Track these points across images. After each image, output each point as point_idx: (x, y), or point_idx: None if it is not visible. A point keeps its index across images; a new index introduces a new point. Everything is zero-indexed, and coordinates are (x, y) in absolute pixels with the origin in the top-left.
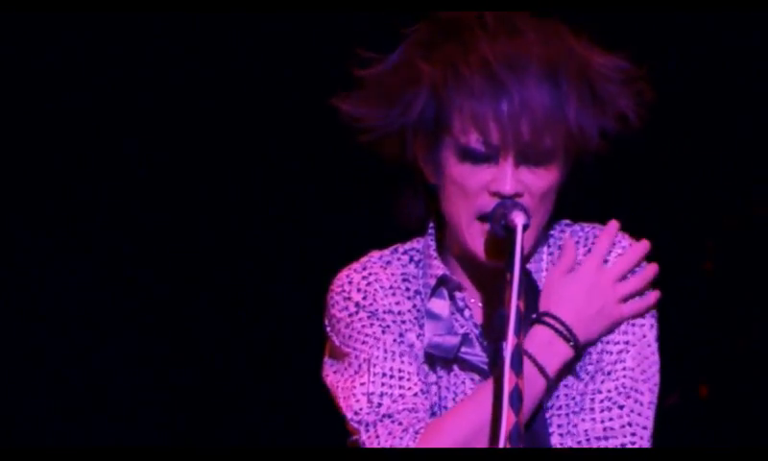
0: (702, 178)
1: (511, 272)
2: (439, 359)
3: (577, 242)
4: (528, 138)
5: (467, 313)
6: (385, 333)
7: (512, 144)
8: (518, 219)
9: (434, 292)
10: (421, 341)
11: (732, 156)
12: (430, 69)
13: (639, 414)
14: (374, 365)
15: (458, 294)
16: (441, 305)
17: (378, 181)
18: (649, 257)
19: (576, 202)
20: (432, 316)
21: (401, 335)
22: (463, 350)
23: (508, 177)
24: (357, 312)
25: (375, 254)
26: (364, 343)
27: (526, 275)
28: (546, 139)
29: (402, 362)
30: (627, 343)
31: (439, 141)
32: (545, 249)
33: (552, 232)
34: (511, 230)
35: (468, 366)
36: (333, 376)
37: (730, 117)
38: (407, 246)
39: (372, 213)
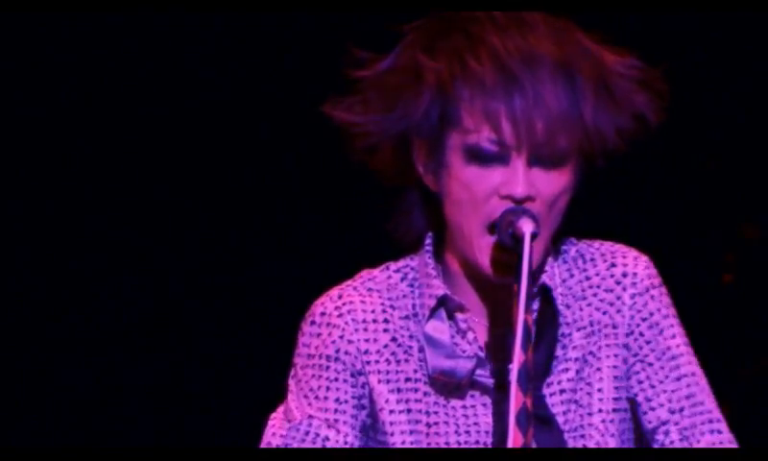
0: (720, 189)
1: (518, 283)
2: (446, 385)
3: (593, 259)
4: (542, 137)
5: (470, 336)
6: (329, 391)
7: (525, 142)
8: (527, 227)
9: (432, 314)
10: (415, 370)
11: (751, 166)
12: (434, 64)
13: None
14: (291, 438)
15: (459, 316)
16: (440, 329)
17: (374, 193)
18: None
19: (587, 214)
20: (431, 341)
21: (353, 385)
22: (477, 372)
23: (520, 178)
24: (314, 356)
25: (360, 278)
26: (305, 398)
27: (545, 290)
28: (561, 138)
29: (324, 445)
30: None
31: (443, 143)
32: (555, 264)
33: (564, 247)
34: (518, 239)
35: (481, 389)
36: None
37: (750, 126)
38: (400, 263)
39: (370, 225)
